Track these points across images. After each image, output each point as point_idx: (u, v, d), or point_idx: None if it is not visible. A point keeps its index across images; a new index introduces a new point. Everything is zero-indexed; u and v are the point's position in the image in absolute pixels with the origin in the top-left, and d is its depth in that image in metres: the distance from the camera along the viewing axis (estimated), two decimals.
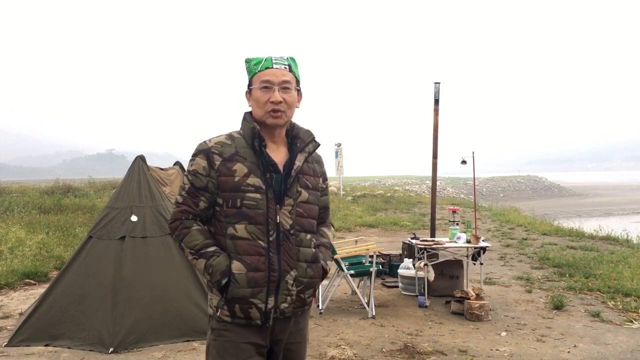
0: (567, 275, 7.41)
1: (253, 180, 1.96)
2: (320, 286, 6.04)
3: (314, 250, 2.07)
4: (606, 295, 6.28)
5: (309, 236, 2.05)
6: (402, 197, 27.26)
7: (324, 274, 2.12)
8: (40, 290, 6.41)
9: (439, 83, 6.97)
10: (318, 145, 2.13)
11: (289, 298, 1.99)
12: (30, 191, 20.08)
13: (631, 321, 5.27)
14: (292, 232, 1.99)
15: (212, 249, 1.97)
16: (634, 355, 4.35)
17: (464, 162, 6.71)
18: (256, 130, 2.00)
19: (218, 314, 1.98)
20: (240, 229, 1.95)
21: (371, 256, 5.86)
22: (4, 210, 13.33)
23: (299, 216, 2.02)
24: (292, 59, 2.08)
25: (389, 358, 4.32)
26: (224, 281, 1.93)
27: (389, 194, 27.81)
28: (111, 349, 4.31)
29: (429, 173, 7.36)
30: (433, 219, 7.29)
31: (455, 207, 6.69)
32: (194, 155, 2.04)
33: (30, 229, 10.42)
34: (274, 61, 2.02)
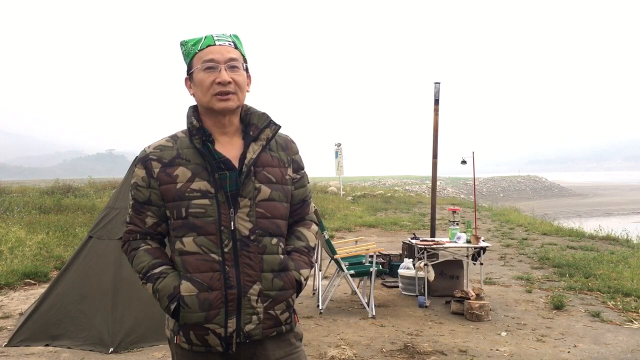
0: (567, 275, 7.41)
1: (199, 184, 1.67)
2: (320, 286, 6.05)
3: (282, 257, 1.75)
4: (606, 295, 6.28)
5: (274, 240, 1.73)
6: (402, 197, 27.29)
7: (299, 285, 1.79)
8: (40, 290, 6.41)
9: (439, 83, 6.98)
10: (278, 128, 1.79)
11: (254, 317, 1.69)
12: (30, 191, 20.10)
13: (631, 321, 5.27)
14: (252, 237, 1.69)
15: (159, 269, 1.71)
16: (634, 355, 4.35)
17: (464, 162, 6.71)
18: (194, 126, 1.71)
19: (175, 340, 1.73)
20: (189, 242, 1.67)
21: (371, 256, 5.85)
22: (4, 210, 13.34)
23: (261, 217, 1.71)
24: (236, 36, 1.80)
25: (389, 358, 4.32)
26: (172, 306, 1.66)
27: (389, 194, 27.84)
28: (111, 349, 4.31)
29: (429, 173, 7.36)
30: (433, 219, 7.29)
31: (455, 207, 6.69)
32: (134, 165, 1.79)
33: (30, 229, 10.42)
34: (215, 38, 1.74)
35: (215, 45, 1.72)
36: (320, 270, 6.38)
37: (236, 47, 1.76)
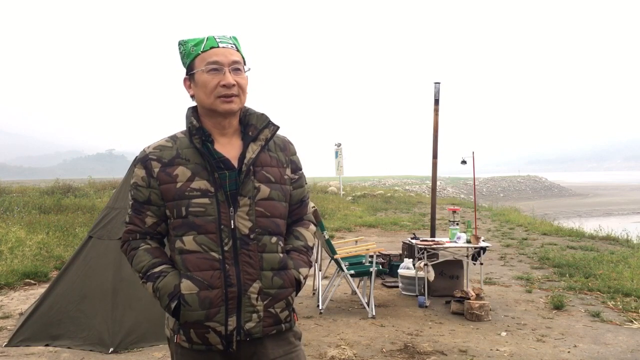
0: (567, 275, 7.41)
1: (198, 183, 1.69)
2: (320, 286, 6.05)
3: (281, 255, 1.76)
4: (606, 295, 6.28)
5: (274, 239, 1.75)
6: (402, 197, 27.29)
7: (299, 284, 1.80)
8: (40, 290, 6.42)
9: (439, 83, 6.97)
10: (276, 129, 1.81)
11: (254, 315, 1.70)
12: (30, 191, 20.11)
13: (631, 321, 5.27)
14: (252, 236, 1.71)
15: (159, 268, 1.71)
16: (634, 355, 4.35)
17: (464, 162, 6.71)
18: (194, 126, 1.74)
19: (175, 339, 1.74)
20: (189, 241, 1.68)
21: (371, 256, 5.85)
22: (4, 210, 13.34)
23: (260, 216, 1.72)
24: (235, 38, 1.81)
25: (389, 358, 4.32)
26: (173, 305, 1.67)
27: (389, 194, 27.84)
28: (111, 349, 4.31)
29: (429, 173, 7.36)
30: (433, 219, 7.29)
31: (455, 207, 6.69)
32: (134, 165, 1.81)
33: (30, 229, 10.43)
34: (218, 40, 1.74)
35: (219, 47, 1.73)
36: (320, 270, 6.38)
37: (237, 50, 1.77)
